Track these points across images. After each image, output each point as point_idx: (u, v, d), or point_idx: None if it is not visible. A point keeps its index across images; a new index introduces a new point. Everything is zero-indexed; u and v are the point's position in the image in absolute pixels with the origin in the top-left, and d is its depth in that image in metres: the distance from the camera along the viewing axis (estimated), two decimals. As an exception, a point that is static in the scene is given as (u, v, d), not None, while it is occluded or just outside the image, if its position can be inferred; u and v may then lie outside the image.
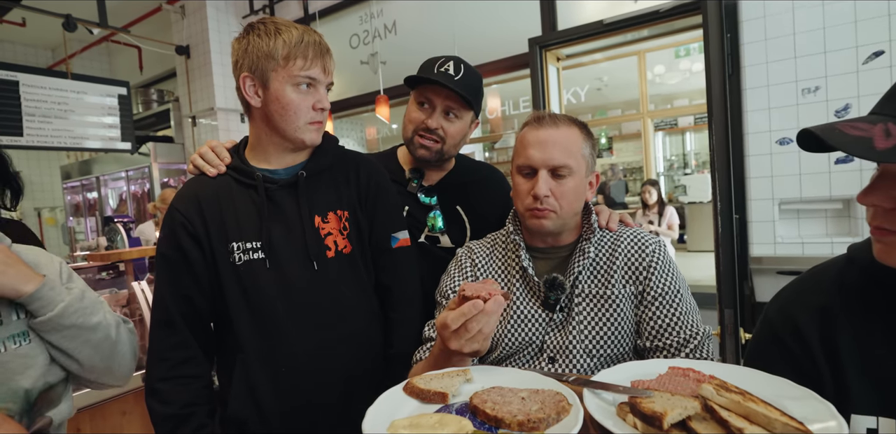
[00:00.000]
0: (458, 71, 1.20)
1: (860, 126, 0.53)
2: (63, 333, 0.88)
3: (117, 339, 0.96)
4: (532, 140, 0.95)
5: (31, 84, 3.56)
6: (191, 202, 1.02)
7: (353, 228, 1.07)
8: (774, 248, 1.96)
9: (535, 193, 0.93)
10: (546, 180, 0.93)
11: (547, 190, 0.93)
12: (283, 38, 0.96)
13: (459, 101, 1.21)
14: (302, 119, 1.00)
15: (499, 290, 0.71)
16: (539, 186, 0.93)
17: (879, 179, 0.56)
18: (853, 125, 0.53)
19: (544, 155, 0.93)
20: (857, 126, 0.53)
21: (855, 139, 0.51)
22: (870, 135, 0.51)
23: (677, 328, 0.90)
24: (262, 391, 0.99)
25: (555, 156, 0.93)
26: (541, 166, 0.94)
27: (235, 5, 4.42)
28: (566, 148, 0.94)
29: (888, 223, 0.56)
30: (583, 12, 2.79)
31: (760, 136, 1.97)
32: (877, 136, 0.51)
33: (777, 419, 0.47)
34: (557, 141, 0.94)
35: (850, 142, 0.51)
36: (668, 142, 9.03)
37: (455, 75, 1.19)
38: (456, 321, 0.69)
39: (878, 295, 0.61)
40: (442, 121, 1.22)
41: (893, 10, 1.73)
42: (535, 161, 0.94)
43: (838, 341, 0.62)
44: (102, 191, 5.75)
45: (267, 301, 0.99)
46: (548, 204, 0.94)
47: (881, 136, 0.51)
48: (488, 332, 0.72)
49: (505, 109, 6.47)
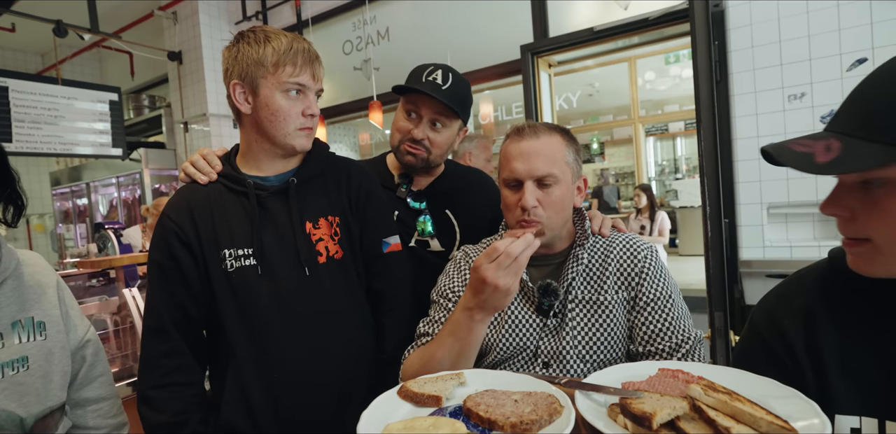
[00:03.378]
0: (445, 80, 1.20)
1: (805, 143, 0.57)
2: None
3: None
4: (514, 152, 0.96)
5: (21, 90, 3.54)
6: (182, 210, 1.02)
7: (344, 234, 1.08)
8: (763, 251, 1.98)
9: (523, 205, 0.93)
10: (532, 191, 0.94)
11: (534, 201, 0.93)
12: (272, 46, 0.97)
13: (447, 111, 1.21)
14: (291, 125, 1.01)
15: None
16: (526, 198, 0.93)
17: (837, 190, 0.59)
18: (800, 142, 0.57)
19: (528, 166, 0.94)
20: (804, 143, 0.57)
21: (799, 155, 0.55)
22: (812, 150, 0.55)
23: (669, 333, 0.91)
24: (255, 397, 0.99)
25: (538, 166, 0.93)
26: (526, 178, 0.94)
27: (228, 11, 4.43)
28: (549, 157, 0.94)
29: (851, 231, 0.58)
30: (574, 19, 2.83)
31: (748, 141, 2.00)
32: (818, 152, 0.54)
33: (763, 418, 0.48)
34: (540, 151, 0.94)
35: (795, 158, 0.55)
36: (658, 147, 9.12)
37: (443, 84, 1.19)
38: (507, 245, 0.79)
39: (858, 298, 0.63)
40: (428, 131, 1.23)
41: (876, 19, 1.77)
42: (520, 173, 0.94)
43: (821, 343, 0.64)
44: (93, 197, 5.70)
45: (259, 307, 0.99)
46: (536, 215, 0.94)
47: (822, 151, 0.54)
48: (523, 262, 0.79)
49: (498, 115, 6.51)
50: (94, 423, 0.95)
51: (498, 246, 0.79)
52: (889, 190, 0.53)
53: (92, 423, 0.95)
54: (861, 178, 0.55)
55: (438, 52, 3.26)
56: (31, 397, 0.83)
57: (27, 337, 0.85)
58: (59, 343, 0.89)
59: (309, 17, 3.88)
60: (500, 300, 0.81)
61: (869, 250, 0.57)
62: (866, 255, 0.58)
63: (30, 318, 0.86)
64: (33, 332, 0.86)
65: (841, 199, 0.58)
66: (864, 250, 0.58)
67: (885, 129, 0.51)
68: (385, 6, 3.61)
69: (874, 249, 0.56)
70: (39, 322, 0.87)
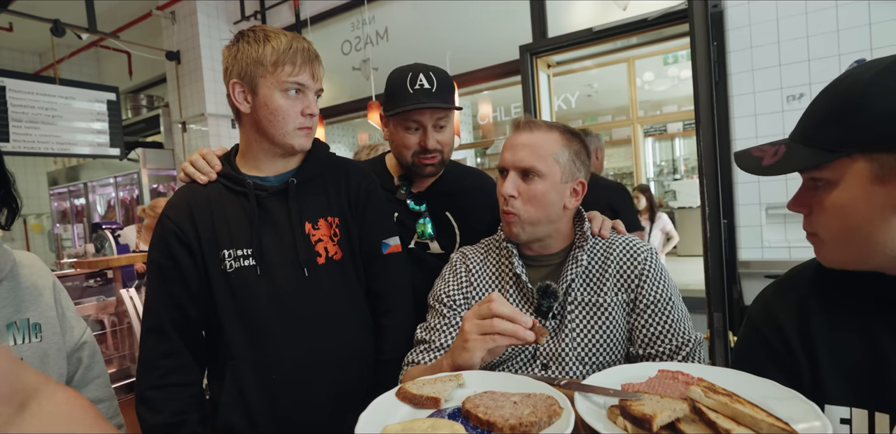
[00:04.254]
0: (431, 81, 1.18)
1: (763, 148, 0.65)
2: None
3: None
4: (508, 143, 0.99)
5: (18, 89, 3.53)
6: (182, 210, 1.02)
7: (343, 235, 1.07)
8: (762, 252, 1.98)
9: (501, 192, 0.96)
10: (513, 180, 0.96)
11: (513, 189, 0.95)
12: (272, 45, 0.97)
13: (445, 111, 1.21)
14: (290, 124, 1.00)
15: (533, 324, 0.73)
16: (505, 185, 0.96)
17: (800, 189, 0.66)
18: (760, 148, 0.66)
19: (514, 156, 0.96)
20: (762, 148, 0.65)
21: (752, 159, 0.64)
22: (763, 154, 0.64)
23: (670, 336, 0.91)
24: (253, 398, 0.98)
25: (523, 157, 0.95)
26: (510, 167, 0.97)
27: (227, 11, 4.42)
28: (536, 151, 0.95)
29: (806, 227, 0.65)
30: (573, 20, 2.83)
31: (747, 141, 2.00)
32: (767, 156, 0.63)
33: (763, 420, 0.48)
34: (529, 144, 0.96)
35: (748, 162, 0.65)
36: (657, 147, 9.12)
37: (432, 87, 1.18)
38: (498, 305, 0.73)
39: (850, 291, 0.65)
40: (437, 135, 1.21)
41: (874, 20, 1.77)
42: (506, 162, 0.98)
43: (813, 334, 0.65)
44: (90, 197, 5.68)
45: (257, 308, 0.99)
46: (513, 206, 0.96)
47: (770, 155, 0.63)
48: (499, 346, 0.74)
49: (497, 115, 6.51)
50: None
51: (492, 296, 0.74)
52: (827, 189, 0.60)
53: None
54: (810, 176, 0.62)
55: (437, 53, 3.26)
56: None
57: (22, 339, 0.85)
58: (54, 345, 0.89)
59: (308, 16, 3.87)
60: (459, 347, 0.75)
61: (817, 243, 0.64)
62: (817, 248, 0.65)
63: (25, 320, 0.85)
64: (28, 334, 0.85)
65: (801, 197, 0.65)
66: (815, 242, 0.65)
67: (816, 137, 0.60)
68: (384, 6, 3.61)
69: (819, 242, 0.64)
70: (35, 324, 0.87)
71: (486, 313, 0.73)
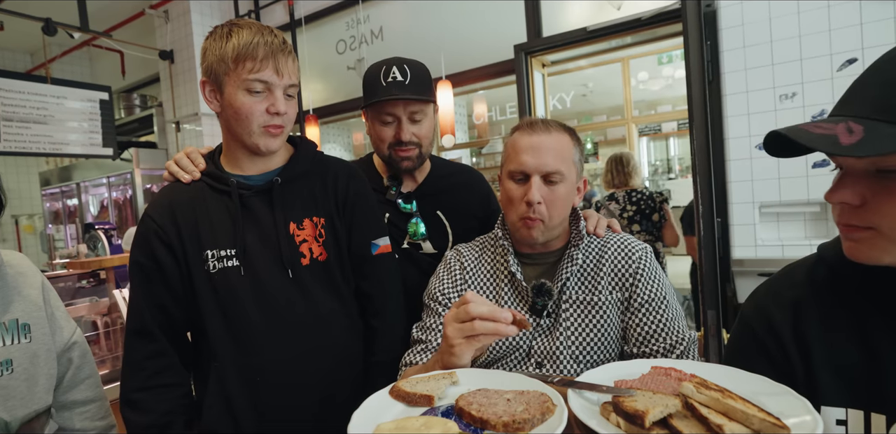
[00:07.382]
0: (404, 74, 1.18)
1: (823, 126, 0.55)
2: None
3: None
4: (525, 145, 0.95)
5: (9, 88, 3.49)
6: (164, 209, 1.00)
7: (329, 235, 1.05)
8: (755, 250, 1.99)
9: (528, 199, 0.93)
10: (539, 186, 0.93)
11: (539, 196, 0.93)
12: (233, 41, 0.92)
13: (420, 103, 1.20)
14: (254, 123, 0.96)
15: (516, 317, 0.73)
16: (532, 193, 0.92)
17: (846, 177, 0.58)
18: (816, 125, 0.55)
19: (538, 160, 0.93)
20: (821, 126, 0.55)
21: (820, 137, 0.53)
22: (833, 132, 0.53)
23: (664, 334, 0.91)
24: (237, 401, 0.97)
25: (548, 161, 0.93)
26: (534, 172, 0.93)
27: (220, 10, 4.40)
28: (559, 154, 0.94)
29: (856, 220, 0.57)
30: (567, 19, 2.83)
31: (740, 141, 2.01)
32: (840, 134, 0.53)
33: (755, 415, 0.48)
34: (551, 146, 0.94)
35: (816, 138, 0.53)
36: (652, 147, 9.14)
37: (405, 80, 1.18)
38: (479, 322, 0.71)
39: (845, 290, 0.64)
40: (412, 128, 1.21)
41: (866, 20, 1.78)
42: (529, 167, 0.94)
43: (808, 335, 0.64)
44: (83, 197, 5.64)
45: (241, 309, 0.97)
46: (538, 212, 0.93)
47: (844, 133, 0.53)
48: (482, 344, 0.74)
49: (492, 115, 6.51)
50: (81, 426, 0.94)
51: (467, 297, 0.73)
52: None
53: (79, 426, 0.94)
54: (875, 167, 0.55)
55: (432, 52, 3.25)
56: (15, 401, 0.82)
57: (11, 339, 0.84)
58: (44, 345, 0.88)
59: (302, 16, 3.86)
60: (446, 352, 0.76)
61: (872, 237, 0.57)
62: (869, 242, 0.57)
63: (14, 321, 0.84)
64: (17, 335, 0.85)
65: (852, 186, 0.57)
66: (867, 236, 0.57)
67: None
68: (378, 5, 3.60)
69: (878, 236, 0.56)
70: (24, 324, 0.86)
71: (465, 316, 0.72)
